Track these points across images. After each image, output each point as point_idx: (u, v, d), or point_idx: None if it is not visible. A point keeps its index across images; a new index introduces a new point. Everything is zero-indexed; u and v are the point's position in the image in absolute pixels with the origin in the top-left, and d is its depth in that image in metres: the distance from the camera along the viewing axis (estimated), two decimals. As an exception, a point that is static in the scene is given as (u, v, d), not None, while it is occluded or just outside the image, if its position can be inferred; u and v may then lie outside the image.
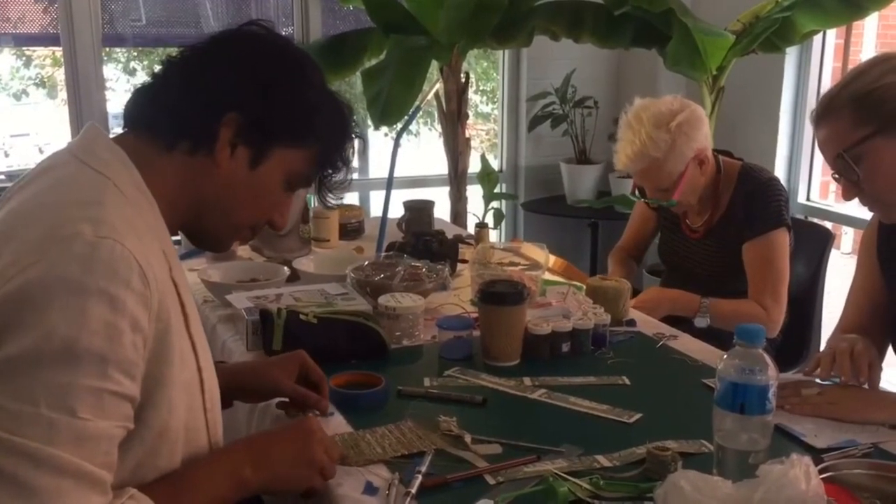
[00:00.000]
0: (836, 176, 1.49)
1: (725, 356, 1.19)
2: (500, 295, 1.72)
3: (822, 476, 1.06)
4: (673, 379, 1.69)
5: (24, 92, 6.94)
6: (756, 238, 2.20)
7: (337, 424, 1.44)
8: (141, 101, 1.16)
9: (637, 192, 2.36)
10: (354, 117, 1.25)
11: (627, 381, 1.64)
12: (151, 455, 1.05)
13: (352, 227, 2.72)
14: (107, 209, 1.02)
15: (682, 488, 1.06)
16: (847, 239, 5.44)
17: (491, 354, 1.71)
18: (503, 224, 4.27)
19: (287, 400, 1.44)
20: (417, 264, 2.04)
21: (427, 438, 1.38)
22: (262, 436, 1.26)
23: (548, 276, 2.19)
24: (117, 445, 0.98)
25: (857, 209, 3.27)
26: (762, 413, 1.16)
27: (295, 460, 1.18)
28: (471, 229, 2.96)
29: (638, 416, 1.48)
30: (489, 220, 3.92)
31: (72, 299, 0.94)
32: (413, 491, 1.22)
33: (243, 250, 2.45)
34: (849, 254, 5.19)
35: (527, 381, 1.63)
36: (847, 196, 1.51)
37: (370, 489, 1.24)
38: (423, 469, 1.27)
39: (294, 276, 2.16)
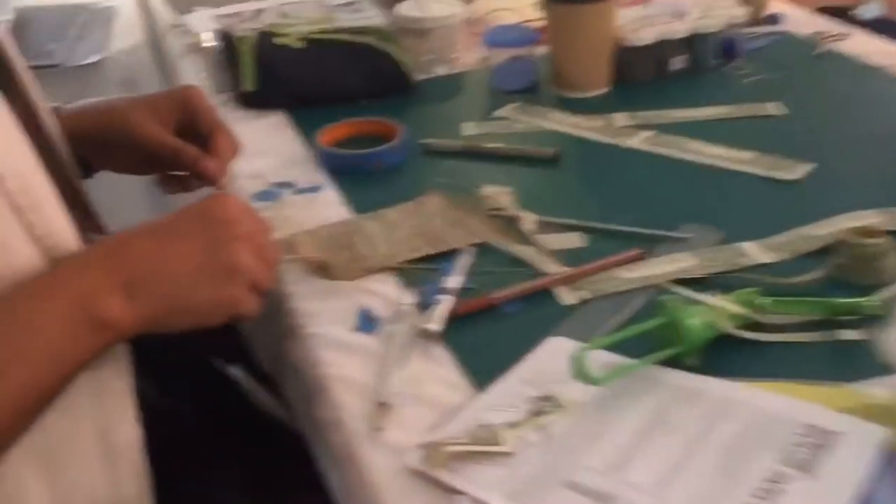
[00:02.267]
0: None
1: None
2: (577, -13, 1.12)
3: None
4: (853, 104, 1.10)
5: None
6: None
7: (324, 206, 0.93)
8: None
9: None
10: None
11: (781, 111, 1.07)
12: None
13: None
14: None
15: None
16: None
17: (565, 80, 1.14)
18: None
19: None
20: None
21: (463, 226, 0.86)
22: (138, 234, 0.65)
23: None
24: None
25: None
26: None
27: (198, 273, 0.64)
28: None
29: (807, 167, 0.93)
30: None
31: None
32: (436, 327, 0.72)
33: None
34: None
35: (620, 118, 1.07)
36: None
37: (366, 322, 0.75)
38: (456, 283, 0.77)
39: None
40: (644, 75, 1.15)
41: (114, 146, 0.84)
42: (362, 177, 0.98)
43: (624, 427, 0.59)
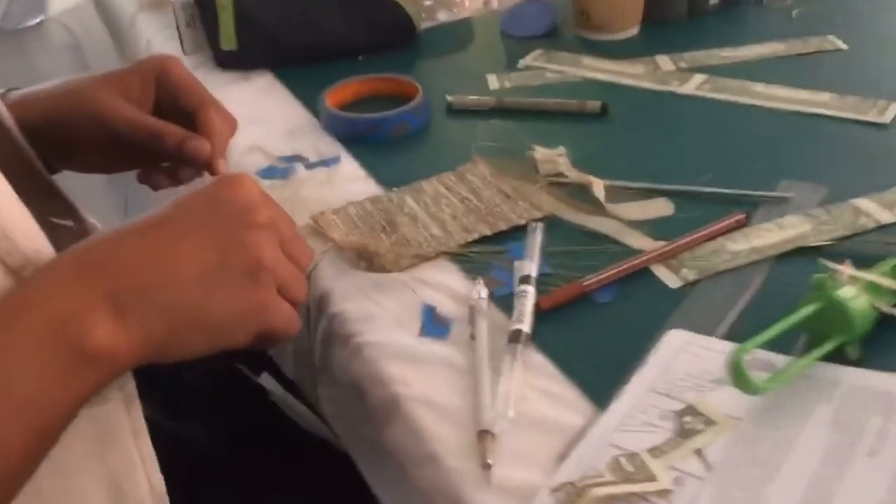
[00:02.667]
0: None
1: None
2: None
3: None
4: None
5: None
6: None
7: (345, 182, 0.79)
8: None
9: None
10: None
11: (842, 44, 0.95)
12: None
13: None
14: None
15: None
16: None
17: (591, 21, 1.01)
18: None
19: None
20: None
21: (520, 198, 0.73)
22: (124, 232, 0.49)
23: None
24: None
25: None
26: None
27: (211, 276, 0.48)
28: None
29: (894, 106, 0.82)
30: None
31: None
32: (525, 328, 0.59)
33: None
34: None
35: (664, 62, 0.95)
36: None
37: (434, 325, 0.61)
38: (534, 270, 0.64)
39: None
40: (678, 12, 1.03)
41: (77, 137, 0.65)
42: (381, 144, 0.84)
43: (807, 449, 0.47)
